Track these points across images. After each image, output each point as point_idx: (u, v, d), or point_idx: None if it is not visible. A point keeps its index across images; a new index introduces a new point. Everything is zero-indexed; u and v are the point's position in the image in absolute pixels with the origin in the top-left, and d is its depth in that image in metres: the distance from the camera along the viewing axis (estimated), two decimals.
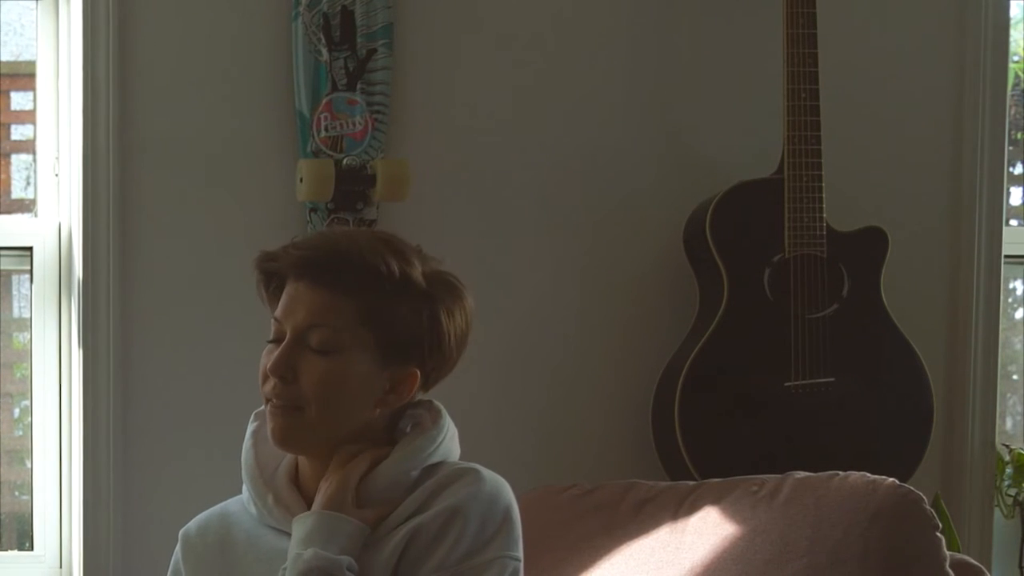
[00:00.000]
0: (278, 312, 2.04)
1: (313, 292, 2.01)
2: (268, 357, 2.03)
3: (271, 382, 2.02)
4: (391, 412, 2.08)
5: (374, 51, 3.12)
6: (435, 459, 2.07)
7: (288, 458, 2.13)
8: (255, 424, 2.14)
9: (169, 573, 2.16)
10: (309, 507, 2.06)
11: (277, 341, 2.03)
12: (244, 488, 2.13)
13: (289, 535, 2.04)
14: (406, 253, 2.05)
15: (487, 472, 2.06)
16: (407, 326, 2.02)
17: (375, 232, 2.14)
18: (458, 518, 1.99)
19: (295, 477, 2.11)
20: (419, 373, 2.05)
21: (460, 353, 2.10)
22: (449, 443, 2.10)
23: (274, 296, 2.07)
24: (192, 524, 2.16)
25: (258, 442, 2.12)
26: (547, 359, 3.23)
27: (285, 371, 2.00)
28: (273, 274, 2.07)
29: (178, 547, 2.16)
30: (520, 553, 2.04)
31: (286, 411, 2.01)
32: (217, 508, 2.17)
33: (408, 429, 2.10)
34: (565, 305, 3.24)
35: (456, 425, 2.13)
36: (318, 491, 2.04)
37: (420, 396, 2.10)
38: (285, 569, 1.99)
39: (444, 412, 2.12)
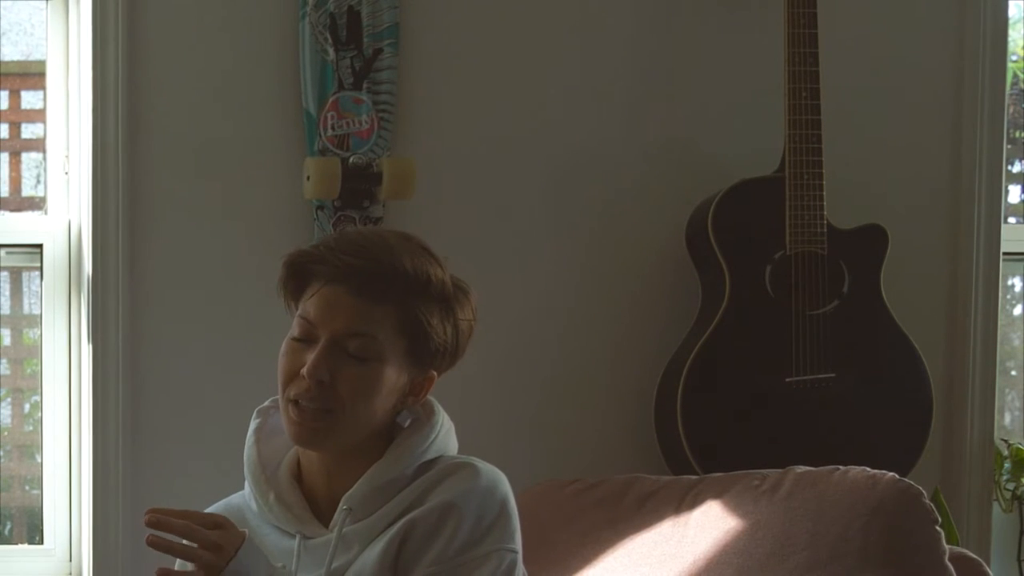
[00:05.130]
0: (312, 314, 2.02)
1: (356, 299, 2.00)
2: (294, 356, 2.02)
3: (302, 384, 2.01)
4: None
5: (380, 51, 3.13)
6: (430, 455, 2.08)
7: (290, 455, 2.14)
8: (258, 421, 2.15)
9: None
10: (310, 505, 2.09)
11: (305, 341, 2.02)
12: (246, 484, 2.14)
13: (290, 534, 2.06)
14: (438, 259, 2.05)
15: (484, 465, 2.07)
16: (437, 334, 2.03)
17: (406, 234, 2.08)
18: (454, 512, 2.01)
19: (297, 474, 2.12)
20: (436, 375, 2.08)
21: (464, 353, 2.13)
22: (444, 438, 2.10)
23: (294, 294, 2.06)
24: None
25: (260, 439, 2.13)
26: (551, 355, 3.24)
27: (324, 375, 1.99)
28: (305, 274, 2.05)
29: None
30: (518, 545, 2.05)
31: (317, 414, 2.01)
32: (221, 503, 2.19)
33: (406, 424, 2.11)
34: (569, 301, 3.24)
35: (458, 420, 2.14)
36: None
37: None
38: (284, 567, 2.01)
39: (438, 408, 2.12)
